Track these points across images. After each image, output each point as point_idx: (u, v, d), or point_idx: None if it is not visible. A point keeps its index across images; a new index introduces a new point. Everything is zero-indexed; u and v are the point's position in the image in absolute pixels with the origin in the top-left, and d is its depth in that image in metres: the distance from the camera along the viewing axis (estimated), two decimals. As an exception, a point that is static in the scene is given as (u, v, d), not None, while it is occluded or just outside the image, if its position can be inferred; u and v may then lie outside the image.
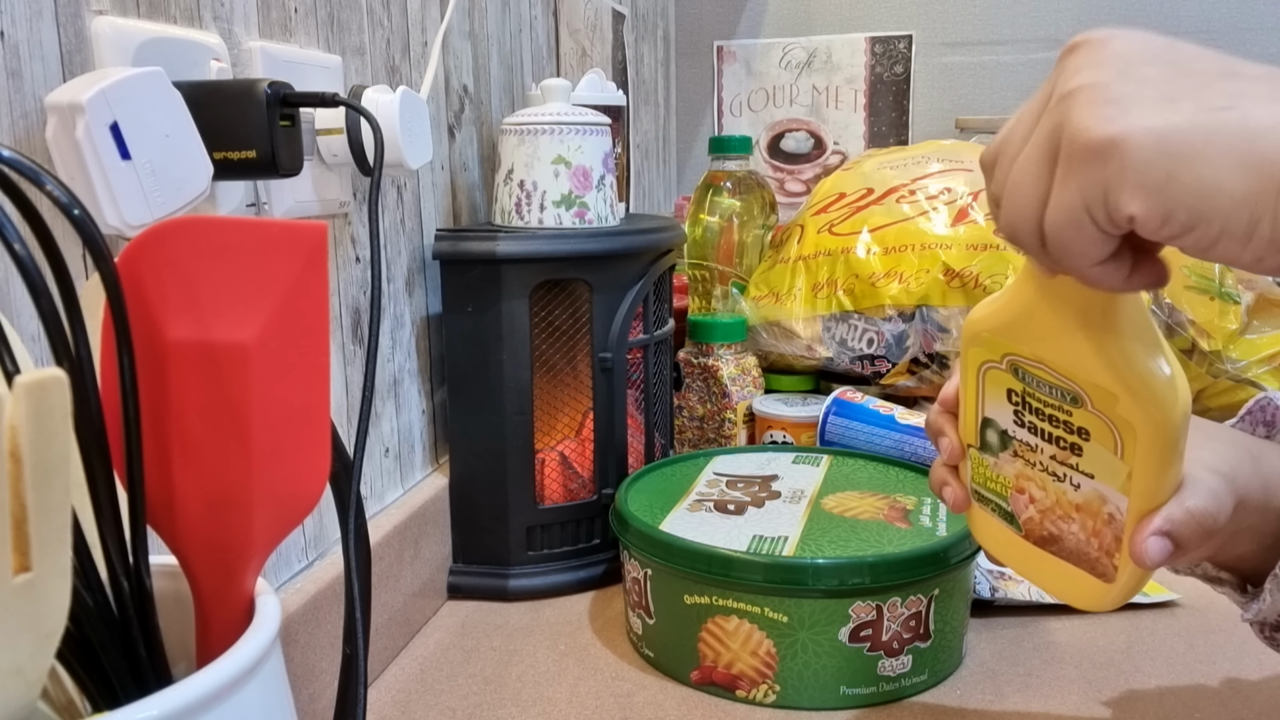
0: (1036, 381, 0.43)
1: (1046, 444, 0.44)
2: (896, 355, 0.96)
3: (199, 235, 0.31)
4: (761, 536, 0.64)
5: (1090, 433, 0.42)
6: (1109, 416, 0.41)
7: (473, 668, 0.66)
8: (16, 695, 0.26)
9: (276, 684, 0.32)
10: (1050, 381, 0.42)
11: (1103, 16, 1.55)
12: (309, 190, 0.58)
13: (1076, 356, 0.41)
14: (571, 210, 0.76)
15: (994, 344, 0.45)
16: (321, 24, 0.60)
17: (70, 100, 0.38)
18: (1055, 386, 0.42)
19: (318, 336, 0.32)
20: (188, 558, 0.32)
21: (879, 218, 0.99)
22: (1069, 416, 0.43)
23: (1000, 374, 0.45)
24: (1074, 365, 0.41)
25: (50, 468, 0.24)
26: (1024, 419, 0.45)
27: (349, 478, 0.39)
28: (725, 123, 1.74)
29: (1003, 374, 0.45)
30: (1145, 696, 0.61)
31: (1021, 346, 0.43)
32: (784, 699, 0.61)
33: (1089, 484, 0.43)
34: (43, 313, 0.26)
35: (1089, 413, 0.42)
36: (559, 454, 0.79)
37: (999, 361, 0.45)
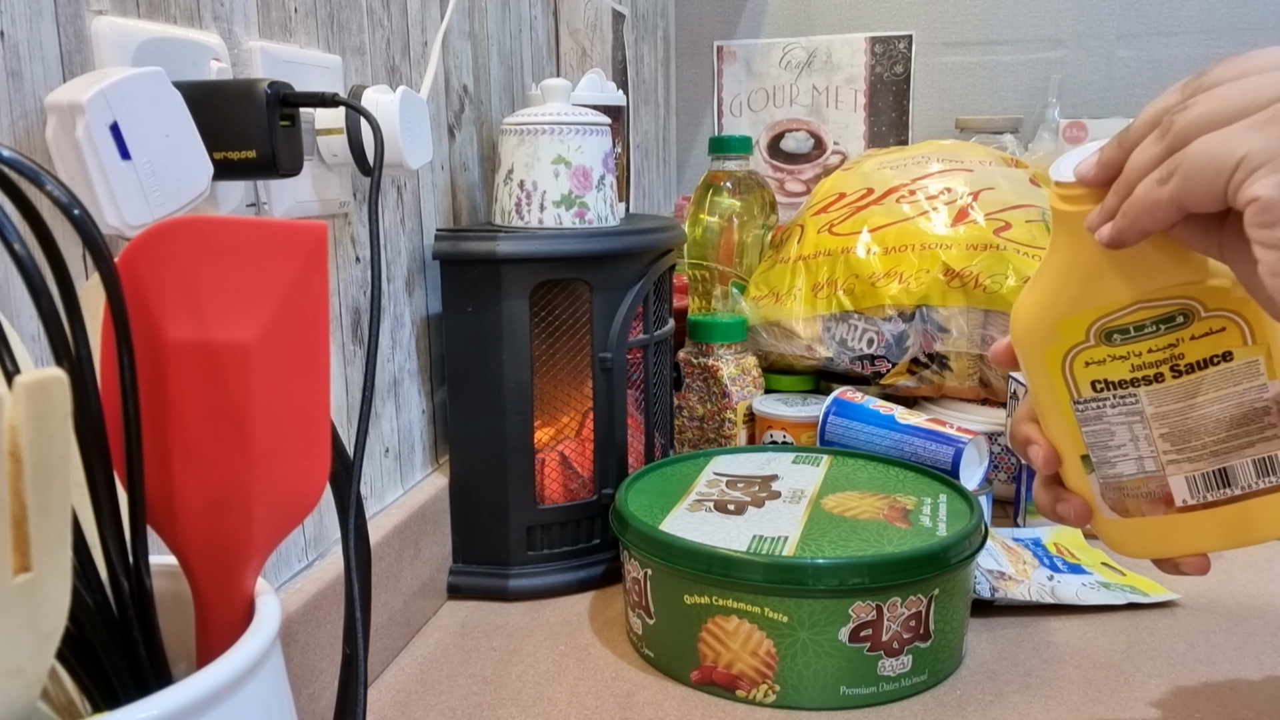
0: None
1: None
2: (896, 355, 0.96)
3: (199, 235, 0.31)
4: (761, 536, 0.64)
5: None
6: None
7: (473, 668, 0.66)
8: (16, 695, 0.26)
9: (276, 684, 0.32)
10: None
11: (1103, 16, 1.55)
12: (309, 190, 0.58)
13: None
14: (571, 210, 0.76)
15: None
16: (321, 24, 0.60)
17: (70, 100, 0.38)
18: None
19: (318, 336, 0.32)
20: (188, 558, 0.32)
21: (879, 218, 0.99)
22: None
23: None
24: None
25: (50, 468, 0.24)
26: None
27: (349, 478, 0.39)
28: (725, 123, 1.74)
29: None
30: (1145, 696, 0.61)
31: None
32: (784, 699, 0.61)
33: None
34: (43, 313, 0.26)
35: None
36: (559, 454, 0.79)
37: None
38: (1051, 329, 0.43)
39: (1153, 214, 0.38)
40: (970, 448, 0.81)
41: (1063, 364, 0.43)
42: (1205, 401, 0.42)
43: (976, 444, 0.83)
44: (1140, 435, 0.43)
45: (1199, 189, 0.36)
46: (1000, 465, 0.92)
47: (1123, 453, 0.44)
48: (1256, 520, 0.43)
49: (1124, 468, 0.44)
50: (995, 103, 1.62)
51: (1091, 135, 1.47)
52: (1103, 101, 1.57)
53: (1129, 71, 1.56)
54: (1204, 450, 0.43)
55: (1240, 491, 0.43)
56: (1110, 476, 0.45)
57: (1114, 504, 0.45)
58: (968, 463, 0.81)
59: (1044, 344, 0.43)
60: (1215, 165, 0.35)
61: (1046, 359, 0.43)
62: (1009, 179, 1.00)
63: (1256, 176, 0.34)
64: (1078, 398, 0.44)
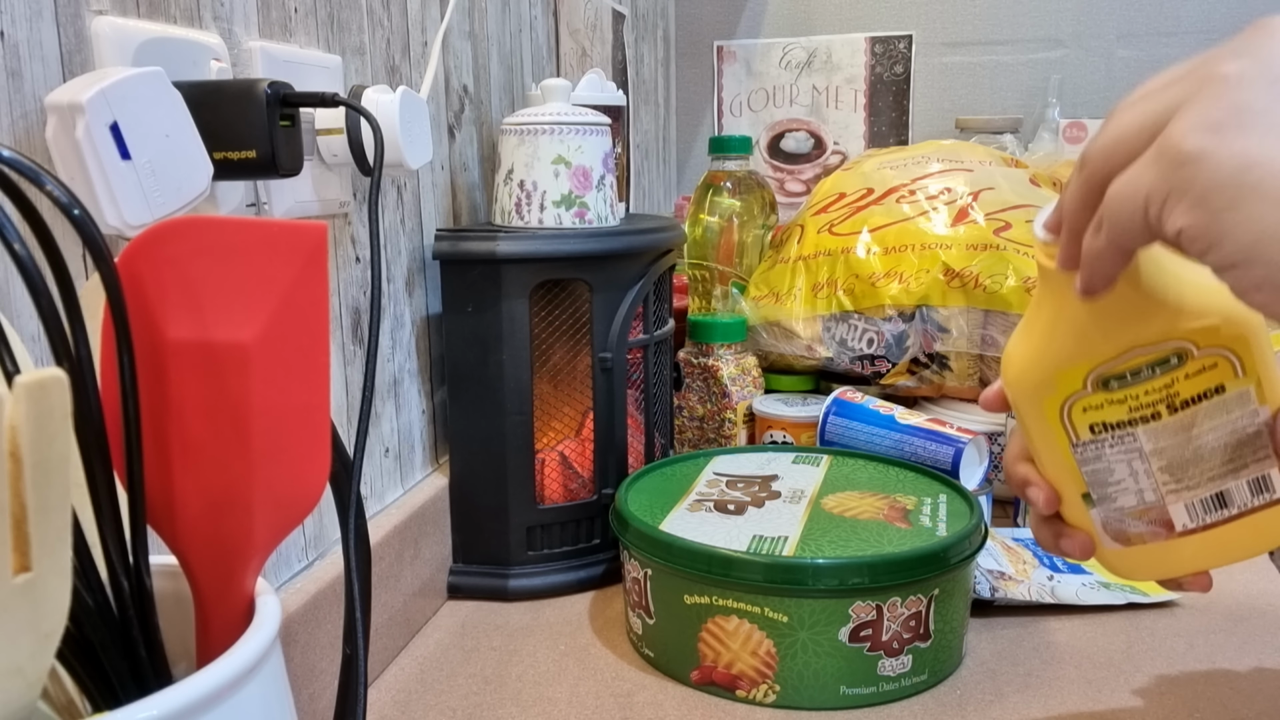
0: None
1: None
2: (896, 355, 0.96)
3: (199, 235, 0.31)
4: (761, 536, 0.64)
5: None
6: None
7: (473, 668, 0.66)
8: (16, 695, 0.26)
9: (276, 684, 0.32)
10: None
11: (1103, 16, 1.55)
12: (309, 190, 0.58)
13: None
14: (571, 210, 0.76)
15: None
16: (321, 24, 0.60)
17: (70, 100, 0.38)
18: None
19: (318, 336, 0.32)
20: (188, 558, 0.32)
21: (879, 218, 0.99)
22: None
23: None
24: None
25: (50, 468, 0.24)
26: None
27: (349, 478, 0.39)
28: (725, 123, 1.74)
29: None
30: (1145, 696, 0.61)
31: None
32: (784, 699, 0.61)
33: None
34: (43, 313, 0.26)
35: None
36: (559, 454, 0.79)
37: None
38: (1048, 380, 0.43)
39: (1104, 261, 0.38)
40: (970, 448, 0.81)
41: (1061, 411, 0.44)
42: (1201, 433, 0.43)
43: (976, 444, 0.83)
44: (1140, 470, 0.44)
45: (1128, 233, 0.36)
46: (1000, 465, 0.92)
47: (1123, 487, 0.45)
48: (1253, 535, 0.44)
49: (1125, 501, 0.45)
50: (995, 103, 1.62)
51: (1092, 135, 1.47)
52: (1103, 101, 1.57)
53: (1129, 71, 1.56)
54: (1201, 477, 0.44)
55: (1237, 511, 0.44)
56: (1112, 510, 0.46)
57: (1115, 534, 0.46)
58: (968, 463, 0.81)
59: (1041, 394, 0.44)
60: (1129, 209, 0.35)
61: (1045, 408, 0.44)
62: (1009, 179, 1.00)
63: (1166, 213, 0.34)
64: (1076, 441, 0.44)
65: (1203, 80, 0.34)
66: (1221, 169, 0.32)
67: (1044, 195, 1.00)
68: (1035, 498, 0.47)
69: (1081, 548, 0.47)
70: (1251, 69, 0.33)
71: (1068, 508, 0.47)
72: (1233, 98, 0.33)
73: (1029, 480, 0.47)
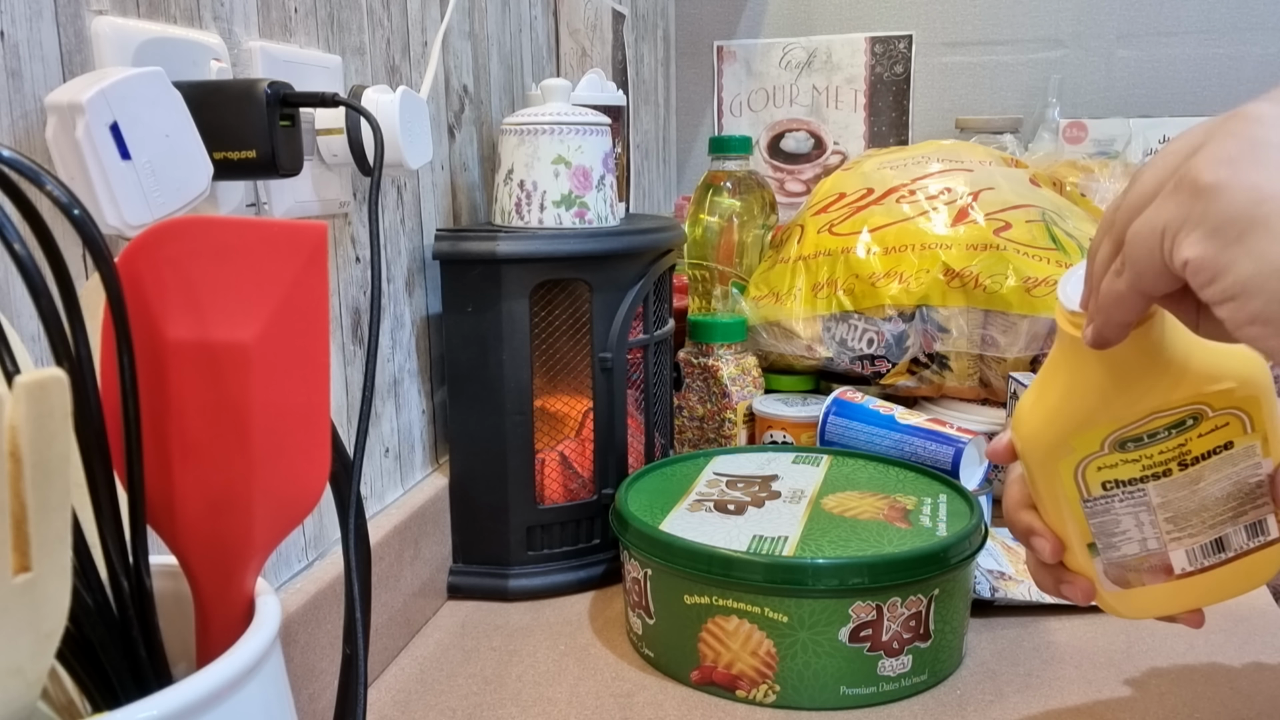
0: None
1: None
2: (896, 355, 0.96)
3: (199, 235, 0.31)
4: (761, 536, 0.64)
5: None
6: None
7: (473, 668, 0.66)
8: (16, 695, 0.26)
9: (276, 684, 0.32)
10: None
11: (1103, 16, 1.55)
12: (309, 190, 0.58)
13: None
14: (571, 210, 0.76)
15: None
16: (321, 24, 0.60)
17: (70, 100, 0.38)
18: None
19: (318, 336, 0.32)
20: (188, 558, 0.32)
21: (879, 218, 0.99)
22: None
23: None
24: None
25: (50, 468, 0.24)
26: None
27: (349, 478, 0.39)
28: (725, 123, 1.74)
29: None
30: (1145, 696, 0.61)
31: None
32: (784, 699, 0.61)
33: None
34: (43, 313, 0.26)
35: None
36: (559, 454, 0.79)
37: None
38: (1065, 442, 0.44)
39: (1119, 306, 0.38)
40: (970, 448, 0.81)
41: (1075, 471, 0.45)
42: (1207, 484, 0.44)
43: (976, 444, 0.83)
44: (1145, 521, 0.45)
45: (1146, 271, 0.37)
46: (1000, 465, 0.92)
47: (1127, 537, 0.46)
48: (1246, 573, 0.46)
49: (1128, 549, 0.46)
50: (995, 103, 1.62)
51: (1091, 135, 1.47)
52: (1103, 101, 1.57)
53: (1129, 71, 1.56)
54: (1203, 525, 0.45)
55: (1233, 554, 0.45)
56: (1114, 557, 0.47)
57: (1116, 579, 0.47)
58: (968, 463, 0.81)
59: (1057, 455, 0.44)
60: (1148, 244, 0.36)
61: (1059, 466, 0.45)
62: (1009, 179, 1.00)
63: (1178, 242, 0.35)
64: (1087, 497, 0.45)
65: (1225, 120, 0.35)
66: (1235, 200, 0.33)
67: (1044, 195, 1.00)
68: (1040, 548, 0.48)
69: (1084, 593, 0.48)
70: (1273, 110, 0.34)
71: (1071, 556, 0.48)
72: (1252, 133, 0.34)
73: (1034, 530, 0.48)
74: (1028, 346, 0.90)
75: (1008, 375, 0.90)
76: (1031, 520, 0.48)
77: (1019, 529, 0.49)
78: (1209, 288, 0.34)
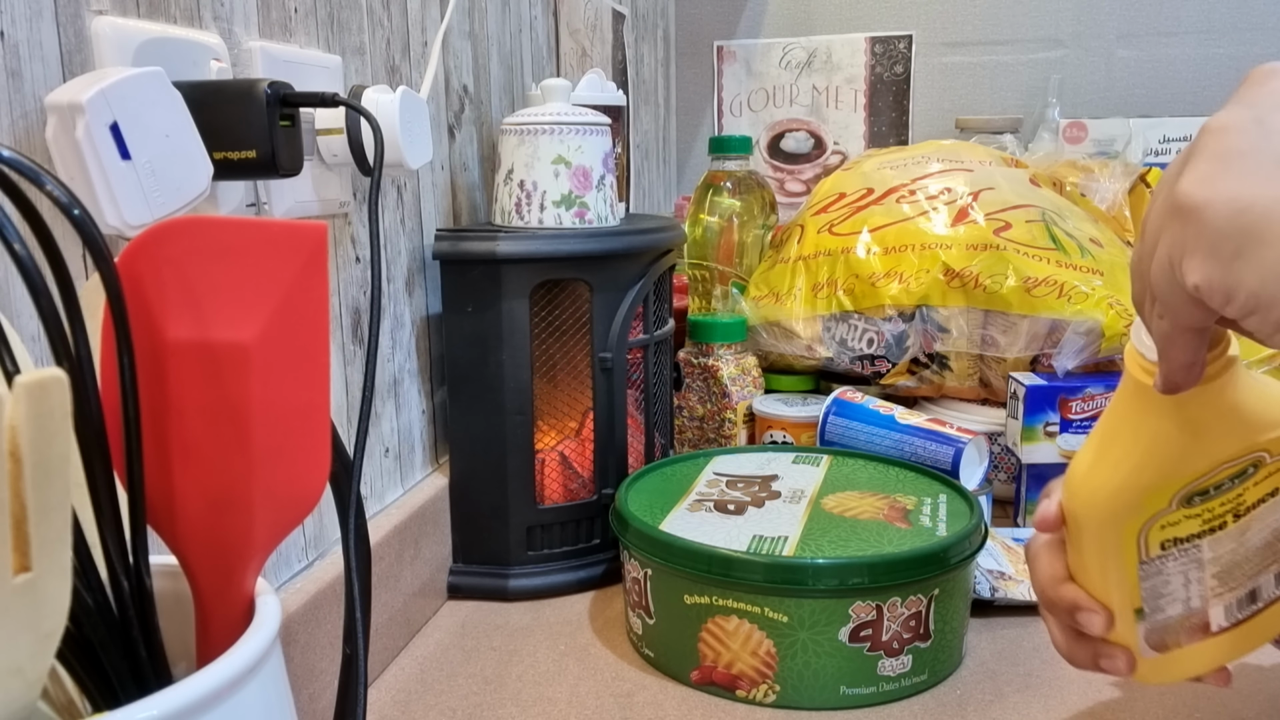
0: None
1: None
2: (896, 355, 0.96)
3: (199, 235, 0.31)
4: (761, 536, 0.64)
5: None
6: None
7: (473, 668, 0.66)
8: (16, 695, 0.26)
9: (276, 684, 0.32)
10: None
11: (1103, 16, 1.55)
12: (309, 190, 0.58)
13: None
14: (571, 210, 0.76)
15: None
16: (321, 24, 0.60)
17: (70, 100, 0.38)
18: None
19: (318, 336, 0.32)
20: (188, 558, 0.32)
21: (879, 218, 0.99)
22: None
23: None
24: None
25: (50, 468, 0.24)
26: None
27: (349, 478, 0.39)
28: (725, 123, 1.74)
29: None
30: (1145, 696, 0.61)
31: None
32: (784, 699, 0.61)
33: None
34: (43, 313, 0.26)
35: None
36: (559, 454, 0.79)
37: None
38: (1136, 502, 0.42)
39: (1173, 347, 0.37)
40: (970, 448, 0.81)
41: (1140, 532, 0.43)
42: (1252, 534, 0.43)
43: (976, 444, 0.83)
44: (1194, 579, 0.44)
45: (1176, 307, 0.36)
46: (1000, 465, 0.92)
47: (1174, 598, 0.44)
48: (1269, 623, 0.45)
49: (1173, 611, 0.44)
50: (995, 103, 1.62)
51: (1091, 135, 1.46)
52: (1103, 101, 1.57)
53: (1129, 71, 1.56)
54: (1243, 577, 0.44)
55: (1263, 604, 0.44)
56: (1158, 620, 0.45)
57: (1155, 644, 0.45)
58: (968, 463, 0.81)
59: (1124, 518, 0.42)
60: (1166, 279, 0.35)
61: (1124, 529, 0.43)
62: (1009, 179, 1.00)
63: (1184, 270, 0.34)
64: (1146, 559, 0.43)
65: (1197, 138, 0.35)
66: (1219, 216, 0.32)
67: (1044, 195, 1.00)
68: (1091, 623, 0.45)
69: (1127, 665, 0.45)
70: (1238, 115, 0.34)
71: (1119, 625, 0.45)
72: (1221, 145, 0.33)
73: (1079, 605, 0.45)
74: (1028, 346, 0.90)
75: (1008, 375, 0.90)
76: (1076, 595, 0.45)
77: (1062, 605, 0.46)
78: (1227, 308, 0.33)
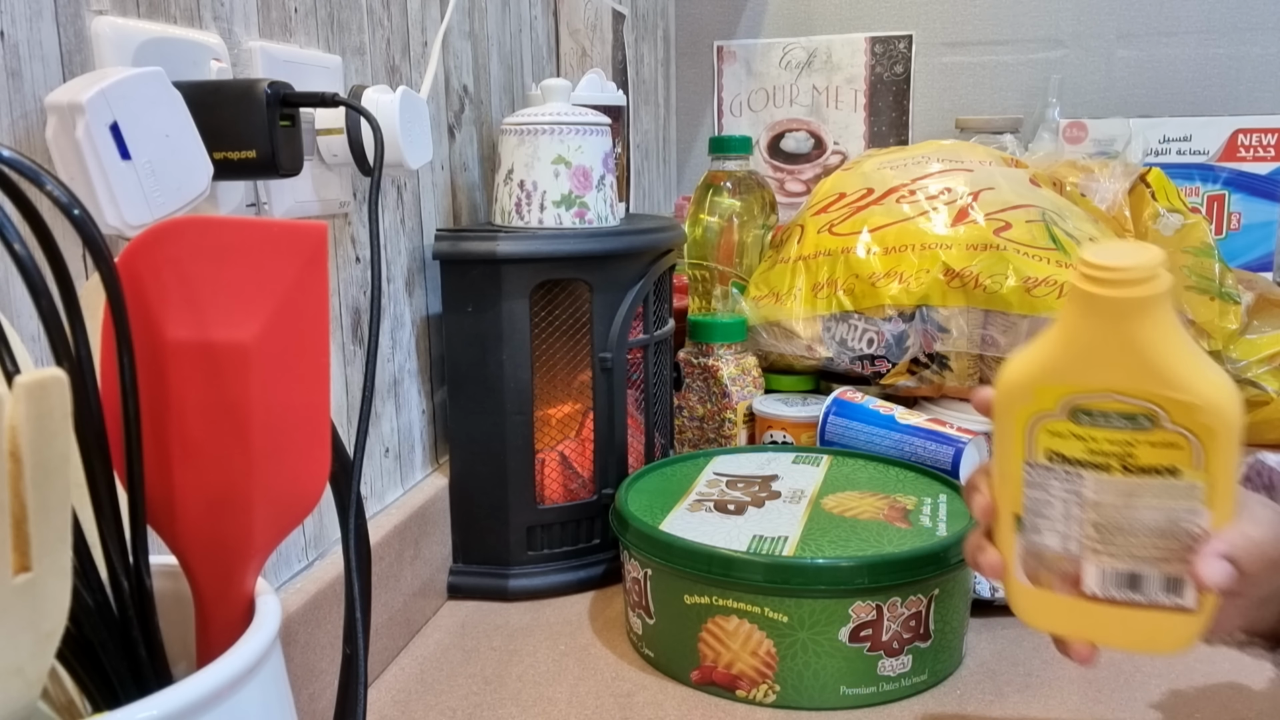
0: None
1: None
2: (896, 355, 0.96)
3: (199, 235, 0.31)
4: (761, 536, 0.64)
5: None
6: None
7: (473, 668, 0.66)
8: (16, 695, 0.26)
9: (276, 684, 0.32)
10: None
11: (1103, 16, 1.55)
12: (309, 190, 0.58)
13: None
14: (571, 210, 0.76)
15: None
16: (321, 24, 0.60)
17: (70, 100, 0.38)
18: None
19: (318, 336, 0.32)
20: (188, 558, 0.32)
21: (879, 218, 0.99)
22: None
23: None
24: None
25: (50, 468, 0.24)
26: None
27: (349, 478, 0.39)
28: (725, 123, 1.74)
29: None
30: (1145, 696, 0.61)
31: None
32: (784, 699, 0.61)
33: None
34: (43, 313, 0.26)
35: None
36: (559, 454, 0.79)
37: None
38: (1030, 390, 0.45)
39: None
40: (970, 448, 0.81)
41: (1029, 425, 0.45)
42: (1141, 505, 0.44)
43: (976, 444, 0.83)
44: (1074, 515, 0.45)
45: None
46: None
47: (1053, 526, 0.46)
48: (1151, 632, 0.45)
49: (1049, 540, 0.46)
50: (995, 103, 1.62)
51: (1091, 135, 1.46)
52: (1103, 101, 1.57)
53: (1129, 71, 1.56)
54: (1124, 549, 0.45)
55: (1144, 600, 0.45)
56: (1034, 543, 0.47)
57: (1029, 570, 0.47)
58: (968, 463, 0.81)
59: (1019, 402, 0.45)
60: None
61: (1016, 415, 0.45)
62: (1009, 179, 1.00)
63: None
64: (1032, 461, 0.46)
65: None
66: None
67: (1044, 195, 1.00)
68: (976, 503, 0.48)
69: (993, 568, 0.48)
70: None
71: (999, 526, 0.48)
72: None
73: (977, 487, 0.49)
74: (1028, 346, 0.90)
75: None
76: (980, 480, 0.49)
77: (969, 485, 0.50)
78: None
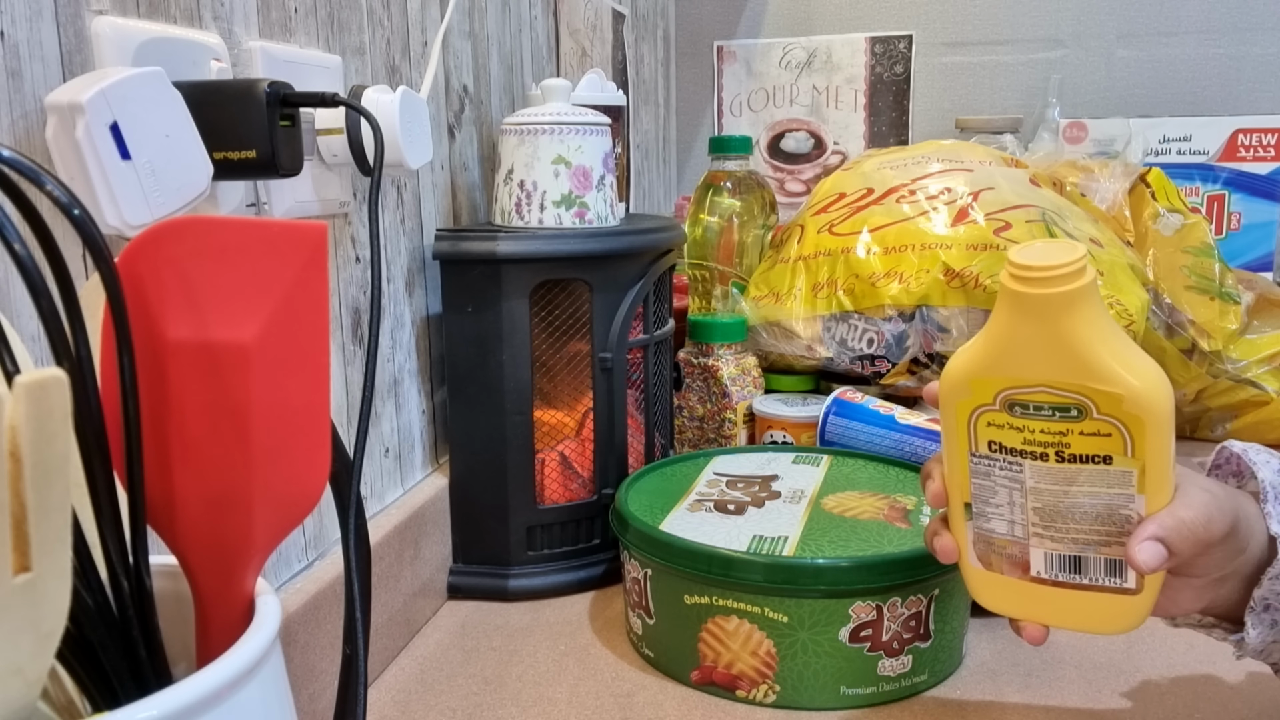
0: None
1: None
2: (896, 355, 0.96)
3: (199, 235, 0.31)
4: (761, 536, 0.64)
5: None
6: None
7: (473, 668, 0.66)
8: (16, 695, 0.26)
9: (276, 684, 0.32)
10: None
11: (1103, 16, 1.55)
12: (309, 190, 0.58)
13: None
14: (571, 210, 0.76)
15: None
16: (321, 24, 0.60)
17: (70, 100, 0.38)
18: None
19: (318, 336, 0.32)
20: (188, 558, 0.32)
21: (879, 218, 0.99)
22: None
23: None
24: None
25: (50, 468, 0.24)
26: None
27: (349, 478, 0.39)
28: (725, 123, 1.74)
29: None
30: (1145, 696, 0.61)
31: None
32: (784, 699, 0.61)
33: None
34: (43, 313, 0.26)
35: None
36: (559, 454, 0.79)
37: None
38: (968, 384, 0.47)
39: None
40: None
41: (969, 418, 0.48)
42: (1078, 492, 0.46)
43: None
44: (1017, 502, 0.48)
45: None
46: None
47: (999, 512, 0.48)
48: (1098, 613, 0.48)
49: (997, 525, 0.49)
50: (995, 103, 1.62)
51: (1091, 135, 1.46)
52: (1103, 101, 1.57)
53: (1129, 71, 1.56)
54: (1066, 534, 0.47)
55: (1088, 582, 0.47)
56: (984, 529, 0.49)
57: (980, 555, 0.50)
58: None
59: (959, 396, 0.48)
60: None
61: (958, 409, 0.48)
62: (1009, 179, 1.00)
63: None
64: (975, 451, 0.48)
65: None
66: None
67: (1044, 195, 1.00)
68: (929, 490, 0.51)
69: (945, 551, 0.50)
70: None
71: (951, 512, 0.50)
72: None
73: (930, 474, 0.51)
74: (1028, 346, 0.90)
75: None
76: (934, 468, 0.51)
77: (924, 473, 0.52)
78: None
